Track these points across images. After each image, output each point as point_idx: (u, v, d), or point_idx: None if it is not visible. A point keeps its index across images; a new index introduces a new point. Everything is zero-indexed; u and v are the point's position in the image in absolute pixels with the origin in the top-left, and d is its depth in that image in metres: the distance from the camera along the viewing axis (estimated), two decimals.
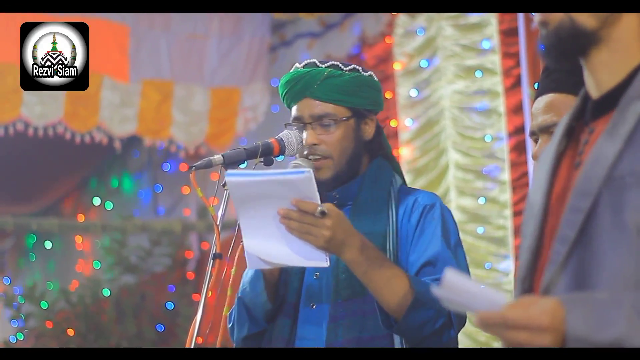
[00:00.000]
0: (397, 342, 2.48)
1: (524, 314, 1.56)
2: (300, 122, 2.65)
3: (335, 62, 2.69)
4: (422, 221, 2.58)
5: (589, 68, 1.76)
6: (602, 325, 1.54)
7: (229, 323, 2.70)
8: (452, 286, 1.58)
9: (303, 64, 2.73)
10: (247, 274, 2.65)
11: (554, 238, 1.71)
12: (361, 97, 2.65)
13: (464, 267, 2.56)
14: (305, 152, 2.62)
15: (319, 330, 2.54)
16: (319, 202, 2.32)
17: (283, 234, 2.34)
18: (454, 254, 2.55)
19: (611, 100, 1.72)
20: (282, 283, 2.61)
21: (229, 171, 2.39)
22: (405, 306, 2.38)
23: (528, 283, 1.76)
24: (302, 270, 2.61)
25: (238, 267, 2.51)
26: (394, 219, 2.60)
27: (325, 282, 2.56)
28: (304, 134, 2.63)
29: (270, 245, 2.38)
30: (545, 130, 2.62)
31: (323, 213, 2.30)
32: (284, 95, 2.70)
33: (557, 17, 1.74)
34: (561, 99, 2.62)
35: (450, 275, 1.58)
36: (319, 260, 2.37)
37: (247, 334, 2.66)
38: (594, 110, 1.77)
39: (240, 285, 2.67)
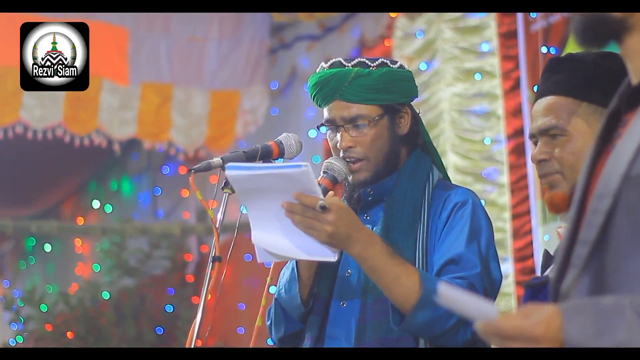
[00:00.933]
0: (422, 343, 2.45)
1: (517, 325, 1.55)
2: (333, 125, 2.59)
3: (362, 59, 2.60)
4: (451, 218, 2.52)
5: (624, 55, 1.69)
6: (600, 332, 1.52)
7: (268, 321, 2.66)
8: (446, 298, 1.59)
9: (329, 64, 2.62)
10: (284, 275, 2.63)
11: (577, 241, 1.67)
12: (392, 92, 2.59)
13: (491, 267, 2.49)
14: (341, 155, 2.57)
15: (348, 330, 2.52)
16: (320, 195, 2.30)
17: (289, 227, 2.32)
18: (481, 253, 2.48)
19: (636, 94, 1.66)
20: (315, 281, 2.58)
21: (229, 164, 2.37)
22: (412, 304, 2.35)
23: (559, 285, 1.73)
24: (335, 267, 2.58)
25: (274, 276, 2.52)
26: (426, 217, 2.54)
27: (357, 280, 2.53)
28: (338, 136, 2.58)
29: (277, 238, 2.37)
30: (545, 132, 2.61)
31: (323, 207, 2.28)
32: (314, 97, 2.63)
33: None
34: (561, 102, 2.61)
35: (443, 288, 1.59)
36: (327, 254, 2.35)
37: (284, 334, 2.63)
38: (629, 100, 1.70)
39: (277, 285, 2.65)
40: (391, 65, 2.60)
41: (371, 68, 2.58)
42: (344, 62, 2.60)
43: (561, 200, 2.38)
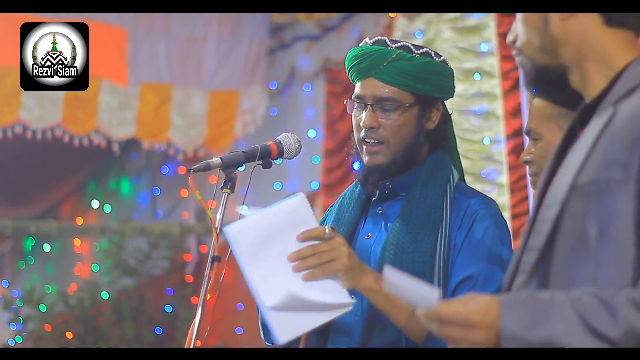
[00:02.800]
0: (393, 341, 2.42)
1: (456, 311, 1.61)
2: (362, 102, 2.53)
3: (407, 44, 2.57)
4: (472, 231, 2.45)
5: (576, 88, 1.81)
6: (536, 323, 1.58)
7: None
8: (392, 283, 1.63)
9: (373, 40, 2.58)
10: None
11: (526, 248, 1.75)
12: (429, 83, 2.53)
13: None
14: (361, 135, 2.52)
15: (355, 327, 2.48)
16: (316, 223, 2.27)
17: (300, 286, 2.25)
18: (498, 268, 2.40)
19: (590, 110, 1.77)
20: None
21: (228, 227, 2.26)
22: (424, 336, 2.33)
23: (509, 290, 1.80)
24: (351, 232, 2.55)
25: None
26: (447, 223, 2.47)
27: (355, 304, 2.45)
28: (363, 114, 2.52)
29: (293, 315, 2.26)
30: (527, 134, 2.68)
31: (332, 229, 2.26)
32: (349, 70, 2.58)
33: (523, 62, 1.83)
34: (538, 105, 2.66)
35: (389, 272, 1.62)
36: (344, 302, 2.29)
37: None
38: (580, 119, 1.81)
39: None
40: (434, 57, 2.56)
41: (414, 54, 2.54)
42: (389, 42, 2.56)
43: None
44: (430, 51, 2.56)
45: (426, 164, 2.55)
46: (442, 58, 2.57)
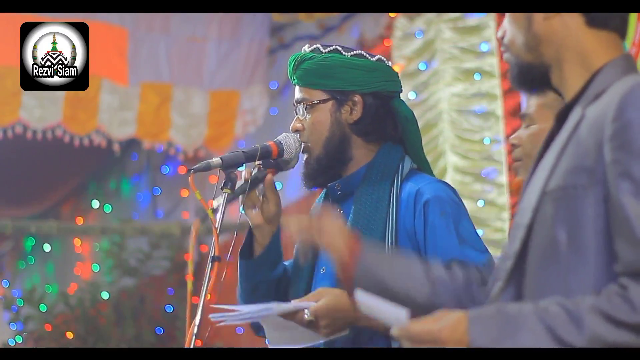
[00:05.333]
0: (396, 343, 2.44)
1: (424, 329, 1.65)
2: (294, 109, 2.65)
3: (318, 45, 2.63)
4: (430, 220, 2.45)
5: (556, 88, 1.84)
6: (504, 336, 1.61)
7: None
8: (364, 305, 1.70)
9: (311, 48, 2.66)
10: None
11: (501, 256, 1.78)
12: (337, 78, 2.57)
13: (484, 257, 2.44)
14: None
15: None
16: (299, 306, 2.38)
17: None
18: (474, 245, 2.44)
19: (567, 112, 1.79)
20: (289, 281, 2.61)
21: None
22: None
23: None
24: (311, 265, 2.59)
25: None
26: (394, 212, 2.49)
27: (334, 277, 2.49)
28: None
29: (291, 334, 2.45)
30: (522, 118, 2.70)
31: (310, 322, 2.37)
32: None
33: (508, 60, 1.87)
34: (544, 94, 2.66)
35: (361, 296, 1.70)
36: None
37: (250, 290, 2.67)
38: (558, 122, 1.82)
39: None
40: (344, 53, 2.60)
41: (321, 53, 2.60)
42: (306, 48, 2.64)
43: (517, 188, 2.45)
44: (339, 47, 2.61)
45: (374, 160, 2.57)
46: (356, 52, 2.60)
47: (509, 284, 1.74)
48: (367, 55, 2.62)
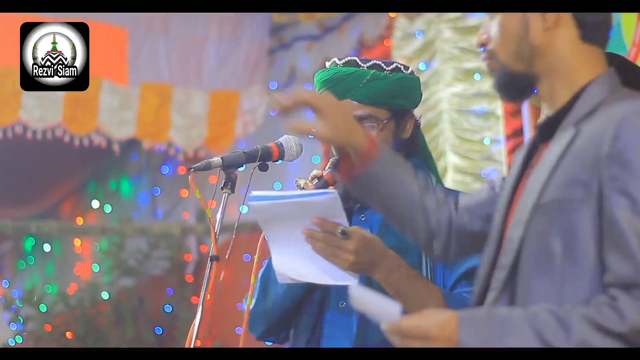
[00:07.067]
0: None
1: (416, 325, 1.68)
2: None
3: (377, 62, 2.61)
4: None
5: (540, 97, 1.86)
6: (493, 338, 1.65)
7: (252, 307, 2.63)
8: (357, 299, 1.70)
9: (343, 61, 2.63)
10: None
11: (497, 266, 1.81)
12: (404, 98, 2.60)
13: None
14: None
15: (348, 332, 2.51)
16: (346, 221, 2.29)
17: (310, 253, 2.32)
18: None
19: (552, 125, 1.82)
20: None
21: (253, 195, 2.34)
22: None
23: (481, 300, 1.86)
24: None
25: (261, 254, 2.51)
26: None
27: (360, 281, 2.49)
28: None
29: (298, 263, 2.36)
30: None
31: (344, 233, 2.27)
32: (322, 91, 2.61)
33: (495, 66, 1.87)
34: None
35: (354, 289, 1.69)
36: (348, 279, 2.34)
37: (269, 324, 2.63)
38: (541, 133, 1.86)
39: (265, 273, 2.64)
40: (404, 71, 2.61)
41: (386, 72, 2.58)
42: (360, 62, 2.59)
43: None
44: (399, 65, 2.61)
45: None
46: (410, 70, 2.63)
47: (503, 293, 1.77)
48: (414, 71, 2.66)
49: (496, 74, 1.87)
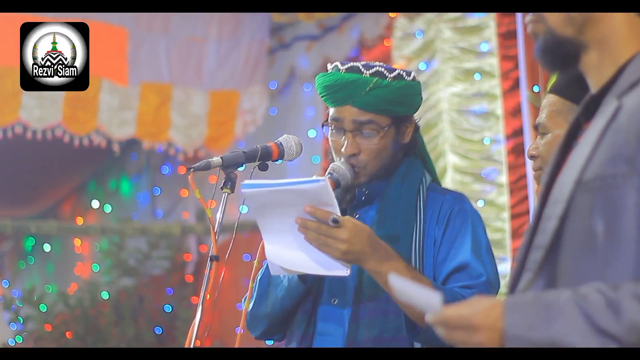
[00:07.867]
0: (417, 344, 2.47)
1: (458, 314, 1.62)
2: (340, 126, 2.60)
3: (380, 69, 2.59)
4: (450, 226, 2.56)
5: (584, 71, 1.76)
6: (540, 323, 1.57)
7: (250, 307, 2.64)
8: (398, 290, 1.66)
9: (346, 67, 2.62)
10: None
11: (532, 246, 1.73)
12: (405, 105, 2.61)
13: (492, 274, 2.55)
14: (342, 159, 2.59)
15: (340, 328, 2.53)
16: (338, 210, 2.31)
17: (302, 243, 2.34)
18: (483, 260, 2.54)
19: (597, 101, 1.73)
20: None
21: (245, 182, 2.36)
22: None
23: (514, 289, 1.78)
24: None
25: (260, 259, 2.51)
26: (422, 220, 2.57)
27: (350, 278, 2.52)
28: (342, 140, 2.59)
29: (290, 253, 2.38)
30: (536, 129, 2.69)
31: (335, 221, 2.29)
32: (323, 96, 2.64)
33: (541, 30, 1.76)
34: (552, 100, 2.65)
35: (395, 280, 1.66)
36: (340, 269, 2.36)
37: (267, 326, 2.64)
38: (586, 111, 1.78)
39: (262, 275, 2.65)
40: (406, 78, 2.61)
41: (389, 79, 2.58)
42: (362, 69, 2.59)
43: None
44: (401, 72, 2.61)
45: (399, 170, 2.64)
46: (412, 75, 2.62)
47: (540, 275, 1.69)
48: (416, 77, 2.66)
49: (542, 38, 1.75)
